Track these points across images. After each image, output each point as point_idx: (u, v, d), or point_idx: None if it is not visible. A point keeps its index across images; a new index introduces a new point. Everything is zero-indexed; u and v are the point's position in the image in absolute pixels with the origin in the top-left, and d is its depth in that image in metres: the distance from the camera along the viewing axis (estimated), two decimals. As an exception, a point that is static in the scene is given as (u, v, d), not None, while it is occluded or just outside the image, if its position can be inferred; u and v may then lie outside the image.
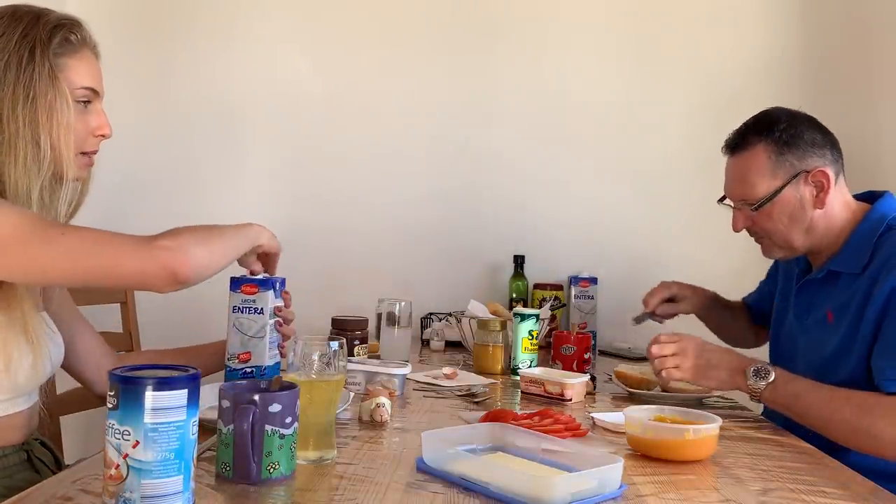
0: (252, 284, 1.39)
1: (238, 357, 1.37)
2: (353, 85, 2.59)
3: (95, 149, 1.27)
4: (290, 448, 0.98)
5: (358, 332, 1.79)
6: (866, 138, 2.41)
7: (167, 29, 2.59)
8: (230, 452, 0.95)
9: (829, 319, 1.54)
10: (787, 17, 2.55)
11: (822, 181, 1.52)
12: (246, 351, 1.37)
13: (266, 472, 0.96)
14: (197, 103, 2.58)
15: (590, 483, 0.95)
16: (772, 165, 1.53)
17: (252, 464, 0.95)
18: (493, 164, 2.59)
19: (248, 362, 1.36)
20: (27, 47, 1.17)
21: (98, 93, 1.26)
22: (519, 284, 2.49)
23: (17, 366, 1.17)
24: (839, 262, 1.53)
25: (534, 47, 2.59)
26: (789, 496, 1.01)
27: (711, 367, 1.47)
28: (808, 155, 1.53)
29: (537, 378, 1.60)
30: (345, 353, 1.09)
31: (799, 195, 1.53)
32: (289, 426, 0.97)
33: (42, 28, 1.19)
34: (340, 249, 2.54)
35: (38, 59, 1.17)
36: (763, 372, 1.42)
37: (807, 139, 1.54)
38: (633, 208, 2.57)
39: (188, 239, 1.15)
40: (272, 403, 0.96)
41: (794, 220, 1.54)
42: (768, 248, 1.62)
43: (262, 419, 0.95)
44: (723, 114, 1.66)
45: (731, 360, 1.47)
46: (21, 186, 1.15)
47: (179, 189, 2.56)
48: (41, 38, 1.18)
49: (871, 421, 1.31)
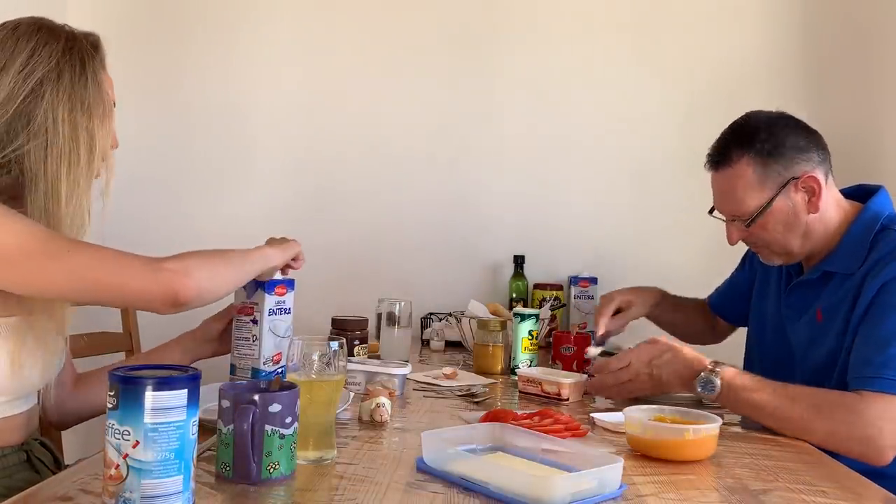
0: (282, 286, 1.39)
1: (273, 359, 1.37)
2: (353, 86, 2.60)
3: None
4: (290, 448, 0.98)
5: (358, 332, 1.79)
6: (866, 137, 2.41)
7: (172, 35, 2.60)
8: (230, 452, 0.95)
9: (818, 318, 1.52)
10: (787, 16, 2.55)
11: (812, 186, 1.49)
12: (278, 352, 1.37)
13: (266, 473, 0.96)
14: (202, 107, 2.58)
15: (590, 483, 0.95)
16: (759, 178, 1.49)
17: (252, 464, 0.95)
18: (493, 165, 2.59)
19: (279, 363, 1.37)
20: (77, 58, 1.21)
21: (114, 105, 1.30)
22: (519, 284, 2.49)
23: (28, 371, 1.17)
24: (834, 263, 1.51)
25: (534, 48, 2.59)
26: (789, 496, 1.01)
27: (663, 384, 1.44)
28: (794, 161, 1.49)
29: (534, 378, 1.60)
30: (345, 353, 1.09)
31: (791, 203, 1.50)
32: (289, 426, 0.97)
33: (86, 42, 1.25)
34: (341, 249, 2.54)
35: (90, 72, 1.22)
36: (710, 385, 1.37)
37: (790, 145, 1.49)
38: (633, 208, 2.57)
39: (194, 262, 1.16)
40: (272, 403, 0.96)
41: (790, 228, 1.51)
42: (767, 257, 1.59)
43: (262, 419, 0.95)
44: (723, 114, 1.66)
45: (681, 372, 1.42)
46: (72, 190, 1.18)
47: (184, 190, 2.57)
48: (89, 52, 1.23)
49: (821, 421, 1.29)
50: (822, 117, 1.59)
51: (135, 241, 2.53)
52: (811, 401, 1.33)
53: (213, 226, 2.57)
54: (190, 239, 2.66)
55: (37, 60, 1.17)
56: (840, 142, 1.58)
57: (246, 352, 1.37)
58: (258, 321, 1.36)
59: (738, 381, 1.37)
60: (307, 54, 2.61)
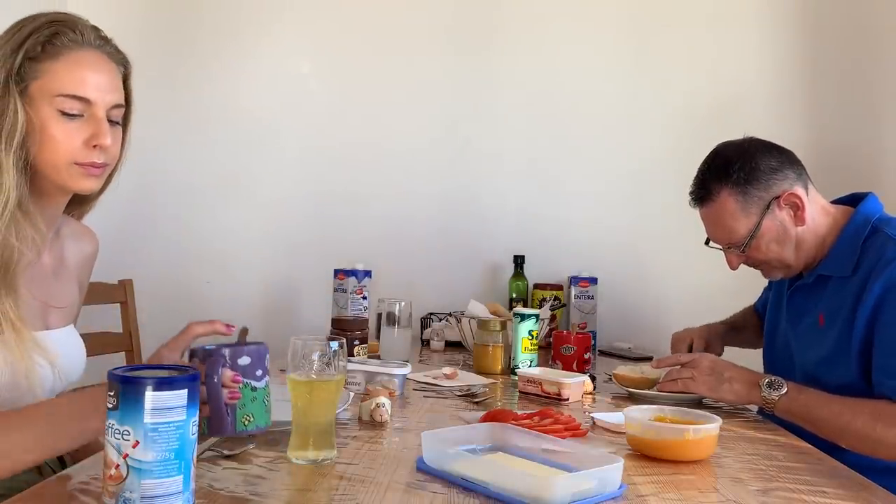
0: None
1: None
2: (353, 87, 2.60)
3: (93, 160, 1.17)
4: (263, 401, 0.99)
5: (358, 332, 1.79)
6: (865, 140, 2.41)
7: (171, 37, 2.60)
8: (204, 410, 0.96)
9: (820, 323, 1.55)
10: (786, 19, 2.55)
11: (794, 201, 1.54)
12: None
13: (241, 425, 0.97)
14: (202, 107, 2.58)
15: (590, 483, 0.95)
16: (741, 206, 1.55)
17: (226, 416, 0.96)
18: (494, 165, 2.59)
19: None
20: (2, 53, 1.12)
21: (89, 101, 1.16)
22: (519, 284, 2.49)
23: (38, 389, 1.17)
24: (827, 266, 1.55)
25: (534, 49, 2.59)
26: (789, 496, 1.01)
27: (726, 380, 1.50)
28: (771, 182, 1.55)
29: (535, 378, 1.60)
30: (345, 353, 1.09)
31: (778, 221, 1.55)
32: (260, 379, 0.99)
33: (26, 29, 1.13)
34: (341, 249, 2.54)
35: (1, 64, 1.11)
36: (777, 384, 1.45)
37: (763, 168, 1.55)
38: (633, 208, 2.57)
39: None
40: (241, 356, 0.98)
41: (783, 244, 1.57)
42: (768, 272, 1.65)
43: (234, 371, 0.97)
44: (723, 113, 1.67)
45: (745, 374, 1.51)
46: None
47: (184, 190, 2.57)
48: (16, 41, 1.12)
49: (883, 430, 1.34)
50: (820, 121, 1.60)
51: (137, 242, 2.54)
52: (870, 410, 1.37)
53: (212, 226, 2.58)
54: (189, 238, 2.67)
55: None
56: (838, 143, 1.59)
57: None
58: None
59: (801, 387, 1.45)
60: (307, 55, 2.61)
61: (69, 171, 1.17)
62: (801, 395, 1.44)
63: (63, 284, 1.30)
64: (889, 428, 1.34)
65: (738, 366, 1.55)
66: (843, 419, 1.38)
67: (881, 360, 1.41)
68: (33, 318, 1.21)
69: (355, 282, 2.27)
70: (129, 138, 1.28)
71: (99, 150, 1.17)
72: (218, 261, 2.57)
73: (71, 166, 1.17)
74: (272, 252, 2.58)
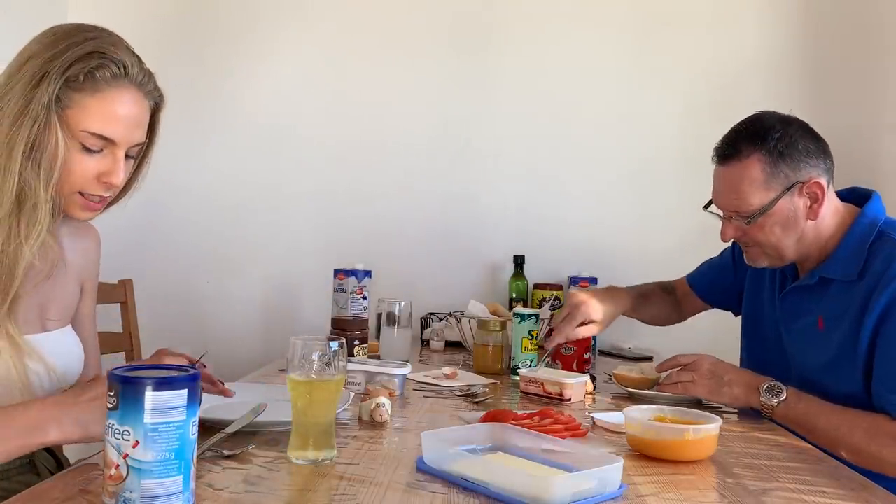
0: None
1: None
2: (353, 88, 2.60)
3: (98, 193, 1.18)
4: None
5: (358, 333, 1.79)
6: (865, 138, 2.41)
7: (171, 38, 2.60)
8: None
9: (819, 326, 1.52)
10: (786, 15, 2.55)
11: (816, 192, 1.48)
12: None
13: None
14: (202, 107, 2.58)
15: (590, 483, 0.95)
16: (766, 177, 1.47)
17: None
18: (494, 165, 2.59)
19: None
20: (42, 72, 1.10)
21: (113, 142, 1.15)
22: (519, 284, 2.49)
23: (37, 389, 1.18)
24: (831, 269, 1.50)
25: (534, 49, 2.59)
26: (789, 496, 1.01)
27: (725, 384, 1.49)
28: (802, 165, 1.48)
29: (536, 378, 1.60)
30: (345, 353, 1.09)
31: (793, 206, 1.49)
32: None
33: (71, 54, 1.11)
34: (341, 249, 2.54)
35: (44, 87, 1.10)
36: (776, 390, 1.44)
37: (801, 149, 1.48)
38: (633, 208, 2.57)
39: None
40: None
41: (787, 231, 1.50)
42: (755, 257, 1.58)
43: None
44: (723, 113, 1.66)
45: (745, 377, 1.50)
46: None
47: (187, 190, 2.58)
48: (59, 66, 1.10)
49: (878, 448, 1.34)
50: (820, 117, 1.59)
51: (143, 245, 2.53)
52: (867, 426, 1.37)
53: (212, 226, 2.58)
54: (189, 238, 2.67)
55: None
56: (837, 142, 1.58)
57: None
58: None
59: (801, 394, 1.45)
60: (306, 56, 2.61)
61: (71, 198, 1.18)
62: (801, 404, 1.42)
63: (61, 285, 1.30)
64: (883, 447, 1.34)
65: (739, 369, 1.54)
66: (840, 432, 1.37)
67: (882, 372, 1.39)
68: (31, 320, 1.21)
69: (355, 282, 2.27)
70: (145, 170, 1.30)
71: (107, 185, 1.18)
72: (218, 261, 2.57)
73: (74, 195, 1.17)
74: (272, 252, 2.58)
